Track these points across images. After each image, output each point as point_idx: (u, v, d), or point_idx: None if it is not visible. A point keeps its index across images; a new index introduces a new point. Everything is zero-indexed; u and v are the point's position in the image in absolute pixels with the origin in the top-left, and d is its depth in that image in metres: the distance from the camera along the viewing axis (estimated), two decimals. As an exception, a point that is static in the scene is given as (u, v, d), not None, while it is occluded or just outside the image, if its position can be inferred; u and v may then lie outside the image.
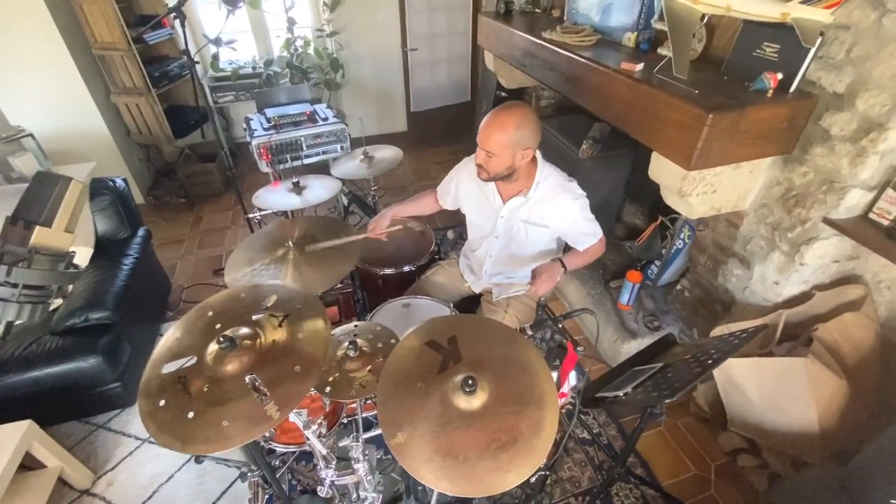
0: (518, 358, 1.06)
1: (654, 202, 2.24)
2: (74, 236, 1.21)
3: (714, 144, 1.36)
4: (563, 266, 1.49)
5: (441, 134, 4.40)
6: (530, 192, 1.52)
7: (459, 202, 1.77)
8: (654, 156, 1.56)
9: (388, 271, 1.94)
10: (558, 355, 1.27)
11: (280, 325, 1.07)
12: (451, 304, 1.68)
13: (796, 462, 1.61)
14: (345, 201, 2.93)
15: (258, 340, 1.05)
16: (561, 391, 1.29)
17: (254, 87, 3.67)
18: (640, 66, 1.61)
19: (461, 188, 1.71)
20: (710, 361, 1.13)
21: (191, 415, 0.95)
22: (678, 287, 2.17)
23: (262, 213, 2.19)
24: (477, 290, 1.85)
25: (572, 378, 1.32)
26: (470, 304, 1.91)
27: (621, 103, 1.63)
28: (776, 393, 1.57)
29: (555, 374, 1.24)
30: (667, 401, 1.09)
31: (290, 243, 1.68)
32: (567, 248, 1.68)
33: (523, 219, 1.57)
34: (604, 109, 1.74)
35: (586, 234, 1.57)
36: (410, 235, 2.18)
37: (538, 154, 1.55)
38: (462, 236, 1.84)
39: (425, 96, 4.22)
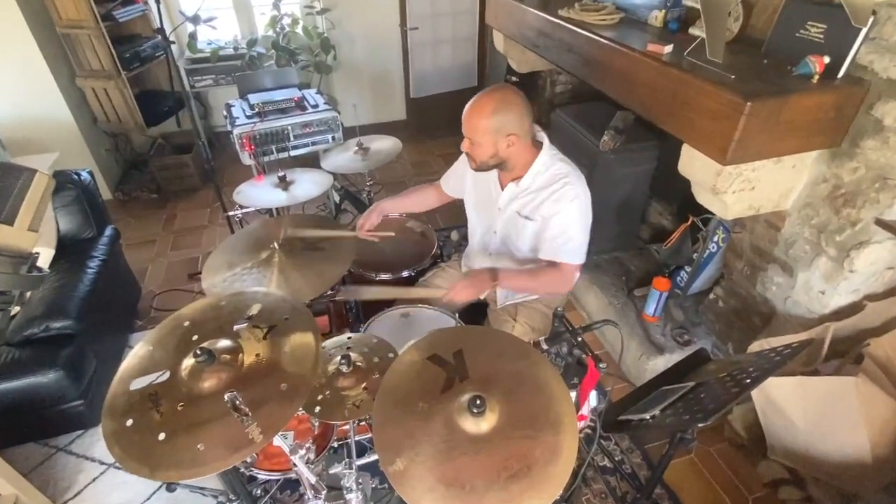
0: (532, 375, 1.06)
1: (684, 201, 2.24)
2: (39, 235, 1.20)
3: (752, 136, 1.36)
4: (495, 279, 1.48)
5: (444, 123, 4.41)
6: (523, 180, 1.53)
7: (465, 191, 1.78)
8: (685, 148, 1.56)
9: (384, 277, 1.95)
10: (577, 372, 1.27)
11: (264, 338, 1.07)
12: (456, 314, 1.68)
13: (845, 495, 1.61)
14: (336, 198, 2.94)
15: (239, 354, 1.05)
16: (580, 413, 1.30)
17: (235, 71, 3.69)
18: (668, 48, 1.61)
19: (468, 177, 1.73)
20: (748, 381, 1.12)
21: (162, 436, 0.94)
22: (711, 296, 2.16)
23: (244, 210, 2.19)
24: (481, 296, 1.84)
25: (593, 398, 1.32)
26: (477, 314, 1.91)
27: (647, 89, 1.63)
28: (823, 417, 1.57)
29: (573, 394, 1.23)
30: (699, 425, 1.08)
31: (276, 245, 1.68)
32: None
33: (517, 210, 1.57)
34: (627, 96, 1.74)
35: (551, 246, 1.51)
36: (410, 237, 2.18)
37: (545, 140, 1.55)
38: (467, 237, 1.85)
39: (427, 81, 4.23)
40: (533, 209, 1.55)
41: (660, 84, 1.57)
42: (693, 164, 1.55)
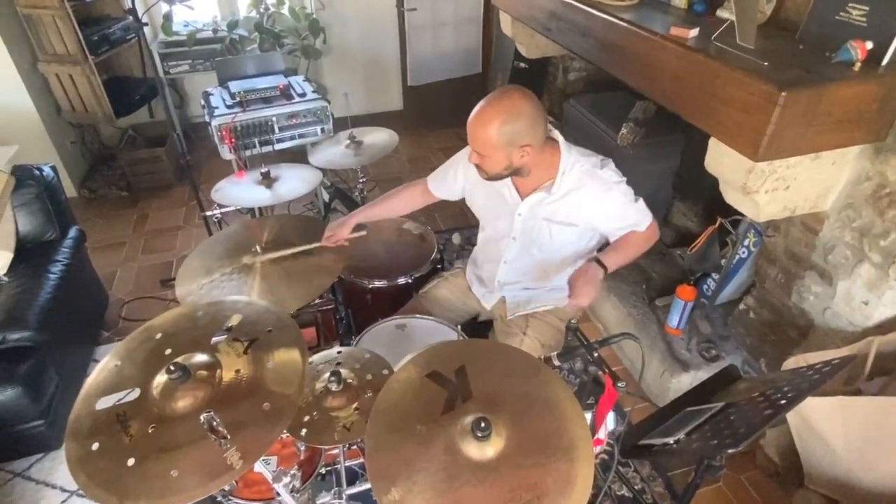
0: (542, 395, 1.06)
1: (712, 200, 2.24)
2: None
3: (787, 129, 1.36)
4: (602, 266, 1.51)
5: (445, 114, 4.42)
6: (555, 185, 1.54)
7: (466, 194, 1.78)
8: (712, 143, 1.57)
9: (378, 284, 1.95)
10: (593, 392, 1.27)
11: (245, 353, 1.07)
12: (458, 326, 1.69)
13: (892, 529, 1.59)
14: (326, 196, 2.92)
15: (217, 371, 1.05)
16: (596, 437, 1.29)
17: (214, 55, 3.71)
18: (694, 32, 1.62)
19: (469, 176, 1.72)
20: (782, 401, 1.12)
21: (131, 462, 0.94)
22: (741, 307, 2.16)
23: (224, 210, 2.21)
24: (488, 307, 1.86)
25: (610, 421, 1.32)
26: (481, 325, 1.91)
27: (670, 78, 1.64)
28: (867, 442, 1.56)
29: (588, 416, 1.23)
30: (729, 451, 1.08)
31: (258, 248, 1.70)
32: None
33: (546, 217, 1.59)
34: (648, 85, 1.75)
35: (627, 226, 1.60)
36: (407, 240, 2.20)
37: (559, 137, 1.56)
38: (471, 241, 1.85)
39: (426, 67, 4.24)
40: (569, 213, 1.57)
41: (684, 72, 1.57)
42: (721, 160, 1.55)
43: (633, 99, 2.56)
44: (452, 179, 1.77)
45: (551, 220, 1.59)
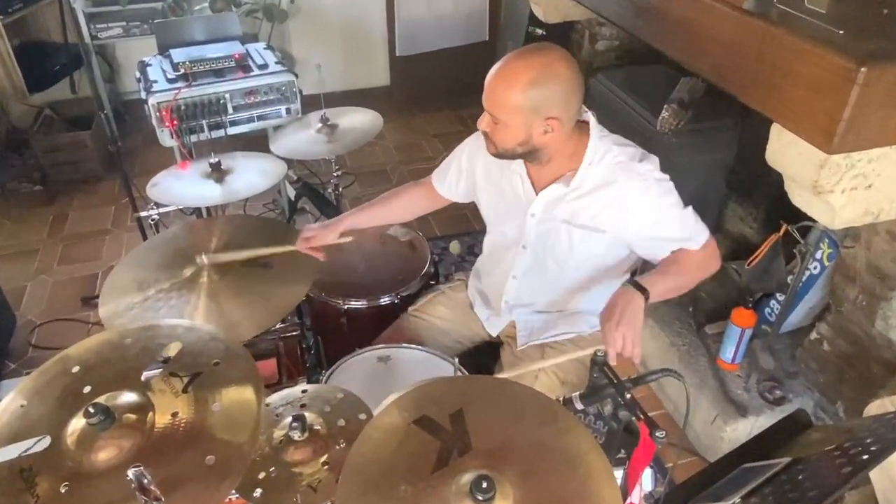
0: (561, 447, 1.05)
1: (775, 202, 2.28)
2: None
3: (869, 114, 1.35)
4: (643, 291, 1.46)
5: (442, 91, 4.46)
6: (576, 177, 1.54)
7: (475, 188, 1.78)
8: (775, 130, 1.57)
9: (355, 305, 1.94)
10: (624, 443, 1.26)
11: (184, 391, 1.07)
12: (457, 359, 1.65)
13: None
14: (291, 193, 2.95)
15: (149, 414, 1.04)
16: (629, 500, 1.28)
17: (154, 16, 3.71)
18: (752, -7, 1.63)
19: (478, 164, 1.73)
20: (864, 456, 1.11)
21: (38, 531, 0.94)
22: (813, 336, 2.15)
23: (162, 210, 2.19)
24: (494, 333, 1.85)
25: (647, 480, 1.32)
26: (486, 356, 1.90)
27: (723, 49, 1.63)
28: (970, 507, 1.55)
29: (619, 473, 1.24)
30: (797, 519, 1.08)
31: (204, 258, 1.68)
32: (646, 265, 1.68)
33: (565, 218, 1.59)
34: (695, 58, 1.75)
35: (673, 239, 1.56)
36: (392, 249, 2.20)
37: (592, 119, 1.56)
38: (474, 250, 1.86)
39: (419, 33, 4.26)
40: (595, 215, 1.56)
41: (740, 41, 1.57)
42: (786, 151, 1.55)
43: (676, 75, 2.55)
44: (456, 172, 1.78)
45: (572, 222, 1.58)
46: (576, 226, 1.58)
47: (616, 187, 1.53)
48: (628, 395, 1.27)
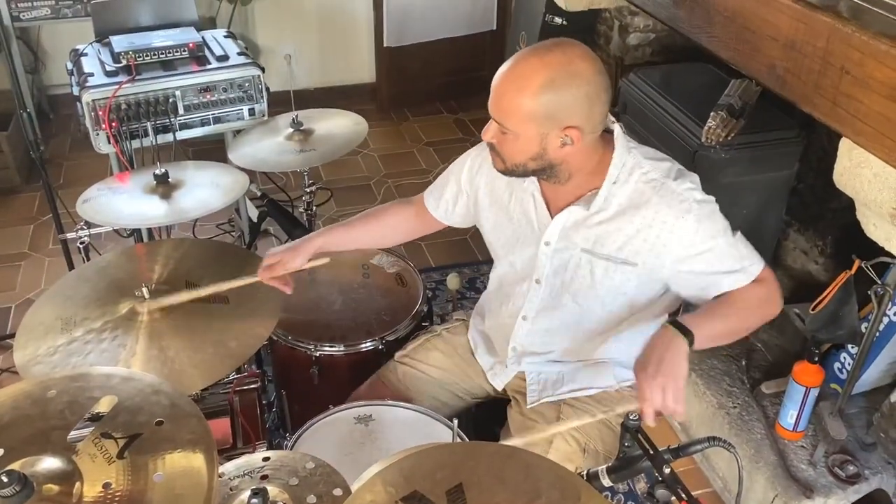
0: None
1: (845, 232, 2.25)
2: None
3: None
4: (687, 334, 1.37)
5: (440, 90, 4.47)
6: (598, 197, 1.48)
7: (477, 211, 1.74)
8: (845, 146, 1.56)
9: (330, 350, 1.92)
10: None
11: (120, 457, 1.02)
12: (455, 421, 1.58)
13: None
14: (253, 213, 2.92)
15: (76, 485, 0.99)
16: None
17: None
18: (817, -19, 1.60)
19: (481, 182, 1.69)
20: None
21: None
22: (893, 398, 2.07)
23: (94, 231, 2.12)
24: (499, 386, 1.79)
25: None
26: (491, 416, 1.84)
27: (780, 47, 1.62)
28: None
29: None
30: None
31: (145, 292, 1.61)
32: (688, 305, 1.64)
33: (586, 247, 1.53)
34: (748, 58, 1.75)
35: (719, 272, 1.49)
36: (377, 282, 2.16)
37: (616, 129, 1.51)
38: (475, 285, 1.90)
39: (412, 21, 4.20)
40: (622, 245, 1.49)
41: (802, 39, 1.55)
42: (859, 172, 1.54)
43: (725, 77, 2.52)
44: (454, 190, 1.73)
45: (594, 252, 1.51)
46: (599, 257, 1.52)
47: (647, 210, 1.46)
48: (667, 470, 1.27)
